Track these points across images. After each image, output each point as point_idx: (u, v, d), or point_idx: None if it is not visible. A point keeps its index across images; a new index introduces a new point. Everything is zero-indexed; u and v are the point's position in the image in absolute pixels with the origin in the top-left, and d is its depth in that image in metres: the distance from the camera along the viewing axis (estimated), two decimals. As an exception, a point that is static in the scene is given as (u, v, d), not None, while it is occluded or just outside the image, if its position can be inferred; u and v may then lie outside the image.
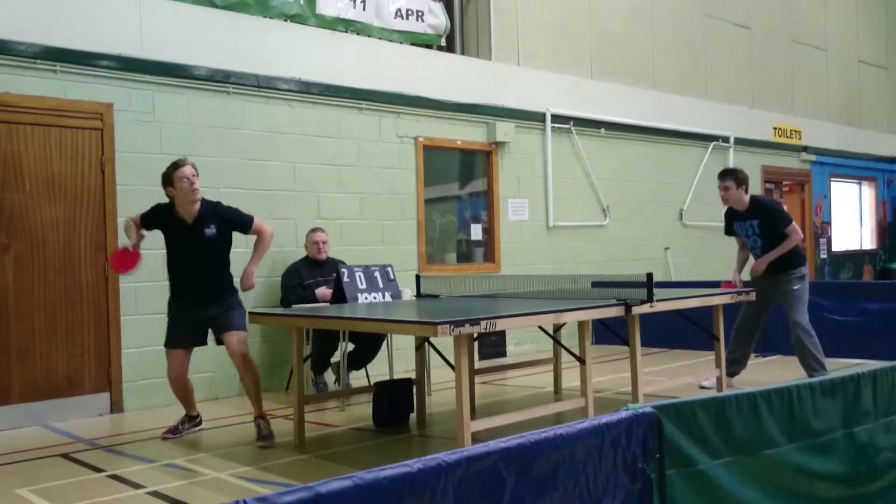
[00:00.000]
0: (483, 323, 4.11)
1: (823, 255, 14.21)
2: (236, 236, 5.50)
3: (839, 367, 6.43)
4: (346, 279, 6.08)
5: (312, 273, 6.92)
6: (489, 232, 9.21)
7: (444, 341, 4.26)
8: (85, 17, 6.34)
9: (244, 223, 5.41)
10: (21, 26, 6.03)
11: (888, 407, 3.29)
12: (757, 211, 6.53)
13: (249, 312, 5.40)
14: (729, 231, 6.83)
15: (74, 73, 6.28)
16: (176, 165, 5.17)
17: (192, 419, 5.60)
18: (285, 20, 7.62)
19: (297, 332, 5.26)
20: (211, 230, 5.25)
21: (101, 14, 6.42)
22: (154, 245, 5.46)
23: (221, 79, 7.03)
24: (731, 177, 6.60)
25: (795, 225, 6.52)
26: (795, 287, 6.39)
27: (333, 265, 6.78)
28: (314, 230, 7.09)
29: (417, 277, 6.50)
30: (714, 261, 11.61)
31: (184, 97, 6.83)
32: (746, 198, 6.58)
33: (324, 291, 6.68)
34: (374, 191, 8.04)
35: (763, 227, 6.47)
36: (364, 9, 8.24)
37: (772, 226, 6.45)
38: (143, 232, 5.31)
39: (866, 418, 3.19)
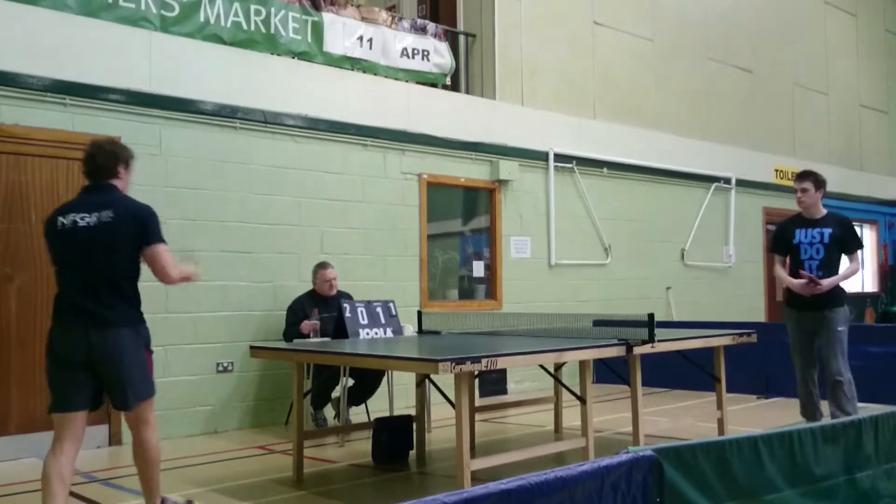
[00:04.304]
0: (484, 361, 4.11)
1: (825, 297, 14.17)
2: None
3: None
4: (347, 314, 6.09)
5: (319, 308, 6.90)
6: (491, 269, 9.23)
7: (444, 378, 4.26)
8: (95, 52, 6.43)
9: None
10: (32, 60, 6.12)
11: (890, 453, 3.28)
12: (833, 222, 5.96)
13: (251, 346, 5.40)
14: (779, 247, 6.15)
15: (83, 107, 6.35)
16: (133, 154, 4.22)
17: None
18: (293, 57, 7.73)
19: (298, 366, 5.26)
20: None
21: (110, 49, 6.51)
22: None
23: (228, 114, 7.11)
24: (811, 178, 5.97)
25: (860, 255, 6.09)
26: (840, 329, 5.81)
27: (340, 299, 6.75)
28: (324, 267, 7.05)
29: (419, 313, 6.51)
30: (715, 301, 11.62)
31: (191, 131, 6.90)
32: (822, 206, 6.04)
33: (309, 324, 6.66)
34: (378, 226, 8.08)
35: (833, 238, 5.86)
36: (371, 48, 8.36)
37: (843, 242, 5.89)
38: None
39: (868, 464, 3.18)
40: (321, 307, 6.89)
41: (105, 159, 4.02)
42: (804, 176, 6.02)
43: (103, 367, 3.81)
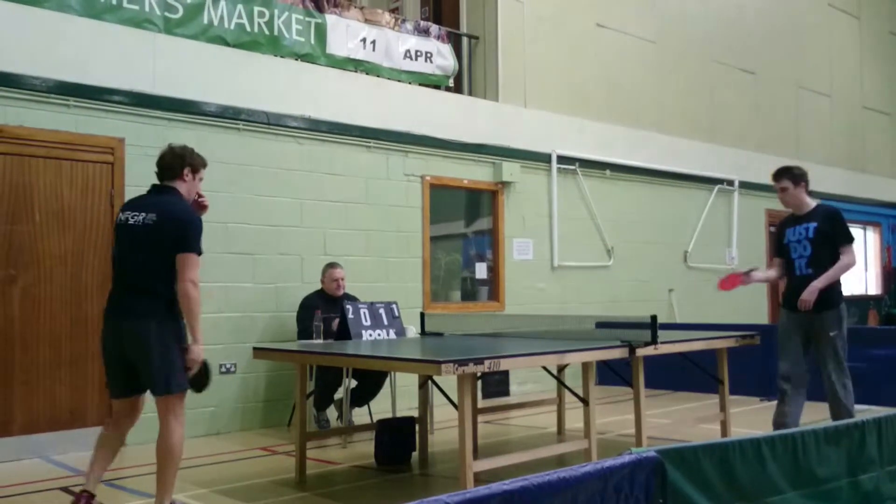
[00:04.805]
0: (487, 362, 4.12)
1: (828, 300, 14.14)
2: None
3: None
4: (350, 316, 6.09)
5: (326, 308, 6.90)
6: (494, 271, 9.23)
7: (447, 379, 4.26)
8: (99, 53, 6.45)
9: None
10: (35, 61, 6.13)
11: (893, 455, 3.28)
12: (819, 215, 5.62)
13: (254, 348, 5.40)
14: (774, 249, 5.92)
15: (87, 108, 6.37)
16: (205, 162, 4.48)
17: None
18: (296, 59, 7.74)
19: (301, 368, 5.26)
20: None
21: (114, 50, 6.53)
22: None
23: (232, 115, 7.12)
24: (787, 175, 5.65)
25: (853, 249, 5.58)
26: (832, 333, 5.44)
27: (347, 300, 6.75)
28: (333, 266, 7.06)
29: (422, 315, 6.51)
30: (718, 303, 11.59)
31: (194, 133, 6.91)
32: (809, 199, 5.69)
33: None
34: (381, 228, 8.08)
35: (818, 233, 5.52)
36: (374, 49, 8.37)
37: (829, 235, 5.51)
38: None
39: (871, 466, 3.17)
40: (327, 308, 6.87)
41: (172, 160, 4.29)
42: (779, 175, 5.72)
43: (132, 356, 4.08)
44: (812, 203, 5.72)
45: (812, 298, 5.41)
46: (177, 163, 4.28)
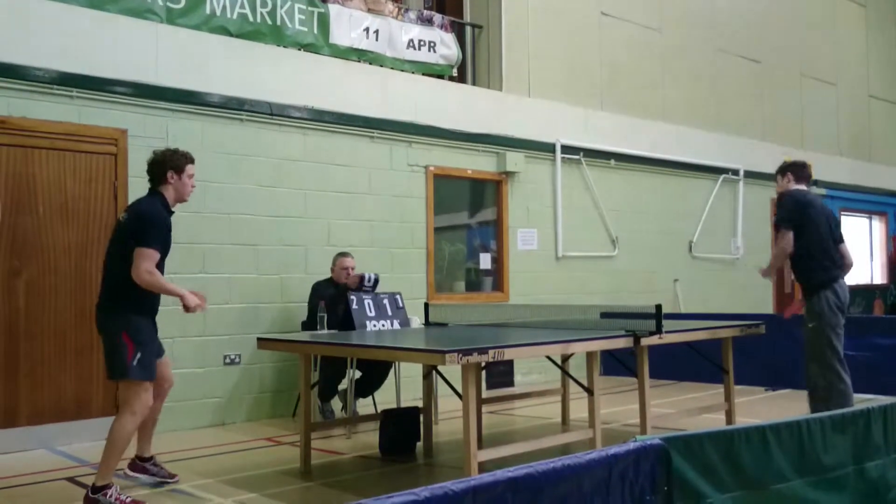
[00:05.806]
0: (491, 352, 4.11)
1: (834, 289, 14.09)
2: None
3: (850, 403, 6.35)
4: (354, 306, 6.09)
5: (335, 297, 6.87)
6: (498, 261, 9.22)
7: (451, 370, 4.26)
8: (102, 44, 6.43)
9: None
10: (39, 52, 6.12)
11: (899, 443, 3.27)
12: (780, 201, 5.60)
13: (259, 339, 5.40)
14: None
15: (90, 99, 6.35)
16: (189, 158, 4.67)
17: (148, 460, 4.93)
18: (299, 49, 7.72)
19: (306, 358, 5.26)
20: None
21: (117, 41, 6.51)
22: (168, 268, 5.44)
23: (235, 106, 7.11)
24: (777, 172, 5.68)
25: (789, 234, 5.26)
26: (810, 324, 5.26)
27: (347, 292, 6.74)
28: (343, 255, 7.05)
29: (426, 305, 6.50)
30: (723, 293, 11.59)
31: (198, 124, 6.90)
32: (791, 186, 5.55)
33: (353, 278, 6.73)
34: (385, 219, 8.07)
35: (776, 218, 5.49)
36: (377, 39, 8.34)
37: (777, 218, 5.42)
38: None
39: (877, 454, 3.16)
40: (336, 296, 6.83)
41: (153, 167, 4.59)
42: (776, 174, 5.76)
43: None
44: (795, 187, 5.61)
45: (764, 276, 5.53)
46: (158, 170, 4.56)
